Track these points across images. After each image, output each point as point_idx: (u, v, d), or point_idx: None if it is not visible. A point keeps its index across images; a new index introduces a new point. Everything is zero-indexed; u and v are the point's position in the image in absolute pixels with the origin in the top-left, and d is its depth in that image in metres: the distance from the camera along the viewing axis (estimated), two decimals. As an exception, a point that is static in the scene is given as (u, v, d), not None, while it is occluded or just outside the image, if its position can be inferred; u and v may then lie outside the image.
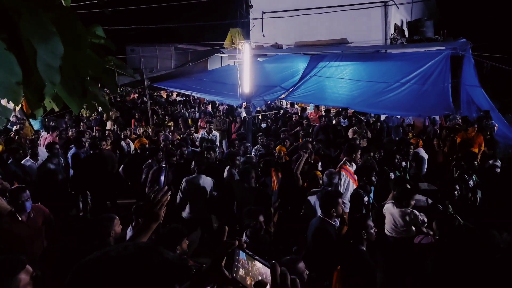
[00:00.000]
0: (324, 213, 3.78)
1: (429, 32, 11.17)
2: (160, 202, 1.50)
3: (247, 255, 1.01)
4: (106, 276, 0.79)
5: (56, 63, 1.31)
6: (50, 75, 1.31)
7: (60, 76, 1.37)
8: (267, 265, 0.94)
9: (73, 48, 1.47)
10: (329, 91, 10.78)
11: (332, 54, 10.80)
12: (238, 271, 1.00)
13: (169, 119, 10.66)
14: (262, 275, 0.94)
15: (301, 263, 3.02)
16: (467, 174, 5.42)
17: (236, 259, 1.02)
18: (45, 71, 1.29)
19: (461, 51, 9.57)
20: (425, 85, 9.48)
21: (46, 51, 1.26)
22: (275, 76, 11.28)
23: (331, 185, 4.81)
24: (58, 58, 1.31)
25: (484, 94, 9.62)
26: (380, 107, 9.86)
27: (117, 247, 0.87)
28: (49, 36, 1.26)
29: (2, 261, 1.94)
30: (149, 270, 0.83)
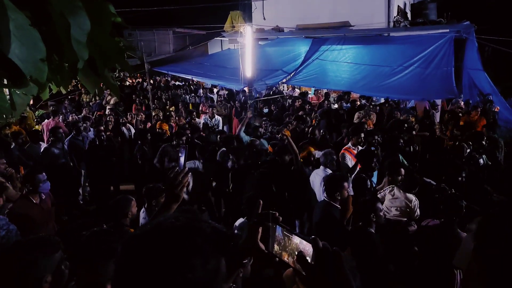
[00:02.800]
0: (329, 196, 3.79)
1: (432, 15, 11.05)
2: (181, 184, 1.51)
3: (284, 229, 0.99)
4: (166, 245, 0.80)
5: (83, 38, 1.28)
6: (79, 50, 1.28)
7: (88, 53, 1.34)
8: (307, 239, 0.93)
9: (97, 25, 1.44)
10: (331, 74, 10.70)
11: (334, 38, 10.68)
12: (274, 246, 1.00)
13: (170, 104, 10.59)
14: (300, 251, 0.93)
15: None
16: (477, 153, 5.45)
17: (271, 234, 1.01)
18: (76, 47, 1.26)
19: (464, 34, 9.49)
20: (428, 68, 9.41)
21: (75, 26, 1.23)
22: (277, 60, 11.17)
23: (329, 165, 4.77)
24: (85, 33, 1.28)
25: (487, 78, 9.60)
26: (382, 90, 9.81)
27: (166, 219, 0.87)
28: (76, 11, 1.23)
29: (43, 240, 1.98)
30: (203, 239, 0.85)
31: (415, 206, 4.10)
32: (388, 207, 4.26)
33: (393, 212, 4.29)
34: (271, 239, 1.02)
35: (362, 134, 5.37)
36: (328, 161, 4.78)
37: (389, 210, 4.26)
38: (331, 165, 4.75)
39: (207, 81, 12.40)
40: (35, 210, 3.63)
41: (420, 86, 9.32)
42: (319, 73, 10.78)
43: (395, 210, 4.25)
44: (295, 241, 0.95)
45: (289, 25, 11.86)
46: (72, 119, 8.78)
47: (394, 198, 4.20)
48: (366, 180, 4.73)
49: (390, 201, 4.21)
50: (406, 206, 4.10)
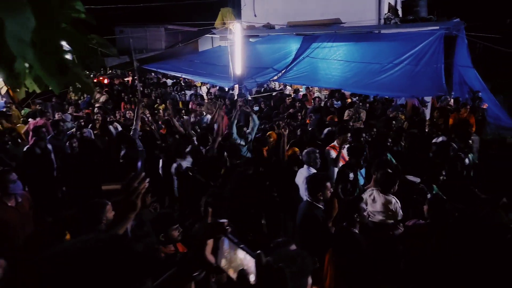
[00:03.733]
0: (312, 196, 3.74)
1: (423, 12, 11.03)
2: (137, 190, 1.39)
3: (231, 242, 0.93)
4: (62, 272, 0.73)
5: (27, 36, 1.19)
6: (21, 50, 1.20)
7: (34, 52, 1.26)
8: (252, 254, 0.86)
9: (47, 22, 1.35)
10: (322, 72, 10.66)
11: (325, 35, 10.62)
12: (221, 260, 0.93)
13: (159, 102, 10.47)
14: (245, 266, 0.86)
15: (293, 245, 2.99)
16: (463, 153, 5.44)
17: (220, 246, 0.95)
18: (15, 46, 1.17)
19: (454, 31, 9.49)
20: (418, 65, 9.40)
21: (16, 24, 1.15)
22: (267, 57, 11.10)
23: (312, 164, 4.72)
24: (29, 31, 1.20)
25: (477, 75, 9.61)
26: (373, 88, 9.79)
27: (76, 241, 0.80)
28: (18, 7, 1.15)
29: None
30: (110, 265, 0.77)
31: (396, 208, 4.04)
32: (371, 211, 4.20)
33: (377, 216, 4.22)
34: (219, 251, 0.96)
35: (348, 133, 5.33)
36: (311, 160, 4.72)
37: (372, 213, 4.20)
38: (314, 163, 4.70)
39: (197, 79, 12.30)
40: (11, 213, 3.50)
41: (410, 83, 9.31)
42: (310, 71, 10.72)
43: (378, 214, 4.18)
44: (240, 255, 0.89)
45: (280, 22, 11.77)
46: (58, 117, 8.63)
47: (374, 202, 4.14)
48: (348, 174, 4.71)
49: (371, 205, 4.15)
50: (387, 209, 4.04)
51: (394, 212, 4.05)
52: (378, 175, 4.29)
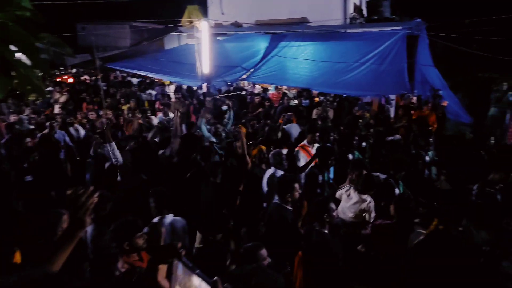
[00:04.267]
0: (281, 198, 3.70)
1: (386, 12, 11.32)
2: (85, 206, 1.27)
3: (185, 267, 0.84)
4: None
5: None
6: None
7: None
8: (208, 281, 0.79)
9: None
10: (290, 71, 10.70)
11: (293, 34, 10.66)
12: (175, 286, 0.85)
13: (124, 101, 10.10)
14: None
15: (263, 249, 2.94)
16: (424, 150, 5.61)
17: (173, 271, 0.86)
18: None
19: (416, 31, 9.78)
20: (383, 64, 9.63)
21: None
22: (236, 56, 10.99)
23: (279, 166, 4.66)
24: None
25: (437, 73, 9.96)
26: (340, 87, 9.93)
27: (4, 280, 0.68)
28: None
29: None
30: None
31: (370, 207, 4.09)
32: (344, 208, 4.22)
33: (348, 213, 4.25)
34: (173, 277, 0.87)
35: (317, 132, 5.33)
36: (277, 161, 4.67)
37: (344, 211, 4.22)
38: (281, 165, 4.66)
39: (163, 77, 11.99)
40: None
41: (376, 82, 9.53)
42: (279, 70, 10.73)
43: (350, 211, 4.21)
44: (195, 282, 0.81)
45: (247, 21, 11.70)
46: (14, 119, 8.11)
47: (350, 199, 4.17)
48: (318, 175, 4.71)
49: (346, 201, 4.18)
50: (361, 208, 4.08)
51: (367, 211, 4.09)
52: (353, 176, 4.32)
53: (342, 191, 4.29)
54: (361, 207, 4.06)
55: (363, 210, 4.07)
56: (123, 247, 2.90)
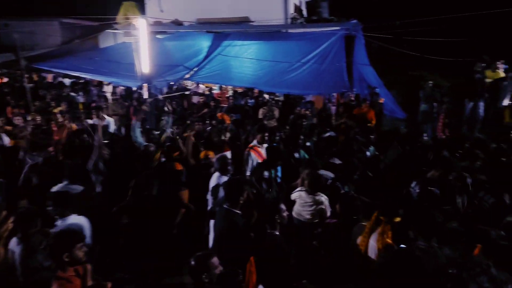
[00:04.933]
0: (230, 203, 3.57)
1: (325, 13, 11.69)
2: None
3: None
4: None
5: None
6: None
7: None
8: None
9: None
10: (234, 71, 10.60)
11: (236, 33, 10.58)
12: None
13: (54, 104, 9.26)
14: None
15: (215, 258, 2.82)
16: (365, 147, 5.82)
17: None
18: None
19: (353, 32, 10.21)
20: (323, 64, 9.93)
21: None
22: (177, 55, 10.63)
23: (223, 171, 4.51)
24: None
25: (374, 72, 10.48)
26: (284, 86, 10.06)
27: None
28: None
29: None
30: None
31: (325, 206, 4.11)
32: (299, 210, 4.20)
33: (305, 215, 4.24)
34: None
35: (266, 132, 5.27)
36: (221, 166, 4.52)
37: (300, 213, 4.21)
38: (225, 171, 4.52)
39: (99, 78, 11.23)
40: None
41: (317, 81, 9.79)
42: (223, 69, 10.59)
43: (306, 213, 4.20)
44: None
45: (188, 19, 11.38)
46: None
47: (304, 201, 4.16)
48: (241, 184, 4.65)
49: (300, 204, 4.16)
50: (317, 209, 4.08)
51: (323, 210, 4.11)
52: (304, 175, 4.32)
53: (296, 194, 4.28)
54: (317, 207, 4.08)
55: (319, 211, 4.09)
56: (63, 259, 2.71)
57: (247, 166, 5.01)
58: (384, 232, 3.19)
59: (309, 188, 4.15)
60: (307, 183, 4.17)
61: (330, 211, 4.10)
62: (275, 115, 9.23)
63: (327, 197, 4.14)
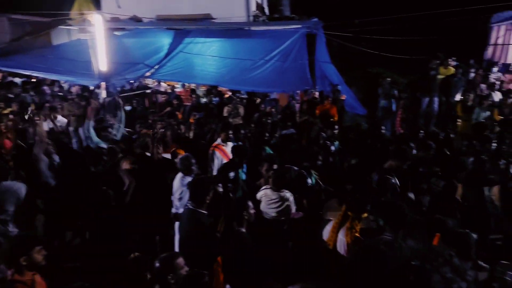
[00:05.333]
0: (195, 203, 3.47)
1: (286, 11, 11.80)
2: None
3: None
4: None
5: None
6: None
7: None
8: None
9: None
10: (198, 68, 10.42)
11: (197, 30, 10.39)
12: None
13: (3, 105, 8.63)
14: None
15: (180, 258, 2.76)
16: (329, 141, 5.94)
17: None
18: None
19: (314, 30, 10.36)
20: (286, 62, 9.99)
21: None
22: (137, 52, 10.27)
23: (187, 171, 4.40)
24: None
25: (335, 70, 10.70)
26: (248, 84, 10.03)
27: None
28: None
29: None
30: None
31: (290, 202, 4.11)
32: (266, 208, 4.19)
33: (271, 213, 4.23)
34: None
35: (230, 130, 5.20)
36: (185, 167, 4.40)
37: (266, 211, 4.20)
38: (189, 171, 4.41)
39: (52, 77, 10.62)
40: None
41: (281, 79, 9.84)
42: (186, 67, 10.37)
43: (272, 211, 4.19)
44: None
45: (147, 15, 11.02)
46: None
47: (269, 199, 4.14)
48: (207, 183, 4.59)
49: (266, 202, 4.15)
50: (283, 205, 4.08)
51: (288, 207, 4.11)
52: (264, 171, 4.31)
53: (261, 192, 4.26)
54: (283, 204, 4.08)
55: (285, 208, 4.09)
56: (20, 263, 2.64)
57: (212, 165, 4.92)
58: (352, 227, 3.25)
59: (273, 185, 4.15)
60: (271, 180, 4.18)
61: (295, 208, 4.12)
62: (240, 113, 9.19)
63: (291, 193, 4.15)
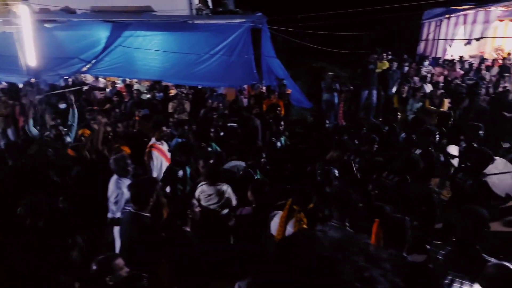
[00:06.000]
0: (137, 205, 3.29)
1: (230, 5, 11.68)
2: None
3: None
4: None
5: None
6: None
7: None
8: None
9: None
10: (139, 63, 9.97)
11: (137, 23, 9.91)
12: None
13: None
14: None
15: (119, 259, 2.63)
16: (275, 137, 5.97)
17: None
18: None
19: (259, 24, 10.38)
20: (232, 56, 9.90)
21: None
22: (71, 46, 9.57)
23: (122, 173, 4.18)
24: None
25: (280, 64, 10.82)
26: (193, 78, 9.82)
27: None
28: None
29: None
30: None
31: (229, 195, 4.08)
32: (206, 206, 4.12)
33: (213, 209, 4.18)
34: None
35: (163, 127, 4.95)
36: (120, 168, 4.16)
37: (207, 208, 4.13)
38: (124, 172, 4.18)
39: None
40: None
41: (227, 73, 9.75)
42: (126, 61, 9.88)
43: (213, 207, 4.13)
44: None
45: (81, 6, 10.29)
46: None
47: (207, 194, 4.07)
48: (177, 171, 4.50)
49: (205, 200, 4.07)
50: (220, 200, 4.03)
51: (228, 200, 4.08)
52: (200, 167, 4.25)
53: (199, 189, 4.18)
54: (222, 198, 4.03)
55: (225, 201, 4.04)
56: None
57: (152, 166, 4.69)
58: (299, 219, 3.28)
59: (207, 180, 4.10)
60: (205, 175, 4.13)
61: (235, 199, 4.12)
62: (186, 109, 8.97)
63: (228, 185, 4.13)
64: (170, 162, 4.74)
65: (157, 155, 4.73)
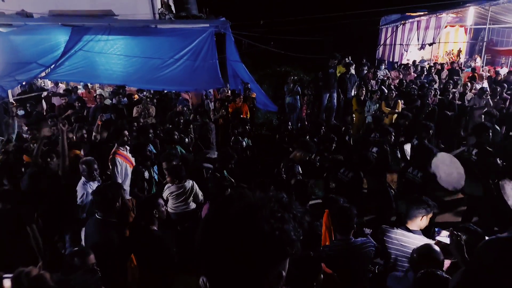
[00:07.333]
0: (104, 212, 3.28)
1: (193, 9, 11.73)
2: None
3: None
4: None
5: None
6: None
7: None
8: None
9: None
10: (101, 68, 9.79)
11: (98, 27, 9.74)
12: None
13: None
14: None
15: (91, 255, 2.65)
16: (241, 137, 6.15)
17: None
18: None
19: (222, 29, 10.52)
20: (197, 61, 9.96)
21: None
22: (29, 51, 9.26)
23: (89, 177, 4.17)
24: None
25: (245, 68, 11.02)
26: (158, 83, 9.78)
27: None
28: None
29: None
30: None
31: (194, 190, 4.22)
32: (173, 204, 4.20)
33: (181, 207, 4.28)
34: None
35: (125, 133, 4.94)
36: (88, 172, 4.15)
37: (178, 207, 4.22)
38: (91, 176, 4.16)
39: None
40: None
41: (192, 78, 9.79)
42: (87, 66, 9.67)
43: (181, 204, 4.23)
44: None
45: (38, 10, 9.97)
46: None
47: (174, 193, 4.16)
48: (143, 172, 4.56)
49: (174, 199, 4.16)
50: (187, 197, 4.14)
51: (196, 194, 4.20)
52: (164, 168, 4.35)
53: (166, 191, 4.27)
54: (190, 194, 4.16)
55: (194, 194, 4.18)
56: None
57: (116, 172, 4.66)
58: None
59: (171, 179, 4.24)
60: (168, 176, 4.26)
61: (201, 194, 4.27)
62: (151, 113, 8.93)
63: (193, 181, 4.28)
64: (135, 164, 4.76)
65: (121, 161, 4.69)
